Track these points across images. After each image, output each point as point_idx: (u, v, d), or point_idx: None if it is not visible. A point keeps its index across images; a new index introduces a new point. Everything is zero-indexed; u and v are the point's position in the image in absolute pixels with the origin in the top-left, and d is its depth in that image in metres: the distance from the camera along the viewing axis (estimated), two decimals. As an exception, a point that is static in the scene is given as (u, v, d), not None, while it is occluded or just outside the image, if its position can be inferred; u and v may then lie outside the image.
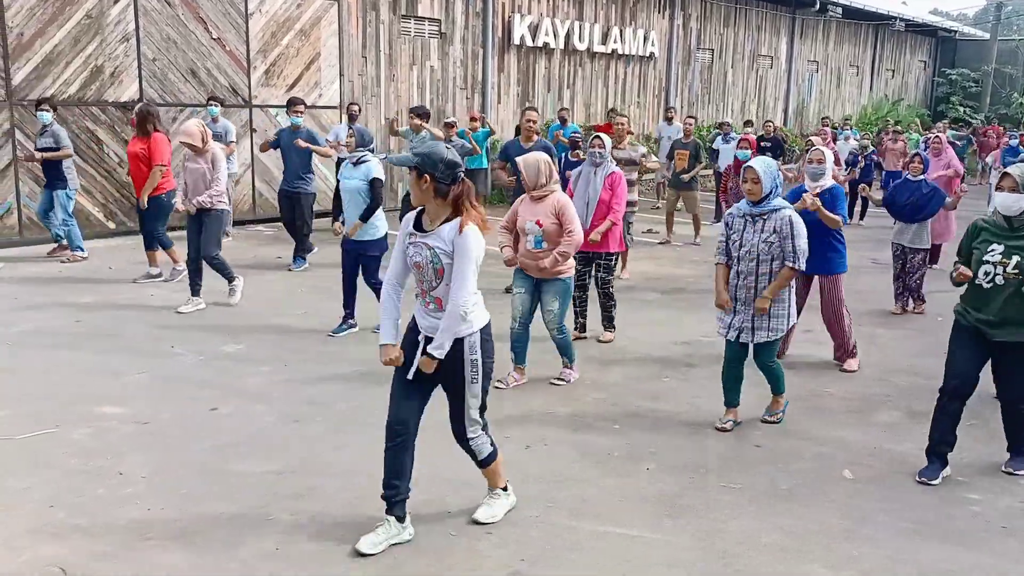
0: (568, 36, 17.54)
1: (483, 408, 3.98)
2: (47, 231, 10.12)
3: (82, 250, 9.82)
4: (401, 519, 3.90)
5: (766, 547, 3.97)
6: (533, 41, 16.83)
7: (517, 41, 16.53)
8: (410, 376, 3.83)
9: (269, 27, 12.49)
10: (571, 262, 5.99)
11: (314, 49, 13.10)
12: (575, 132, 11.35)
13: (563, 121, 14.14)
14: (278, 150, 9.77)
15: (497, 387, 5.78)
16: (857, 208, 14.66)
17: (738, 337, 5.26)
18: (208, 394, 5.69)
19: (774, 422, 5.47)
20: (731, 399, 5.44)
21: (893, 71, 29.33)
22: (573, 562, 3.80)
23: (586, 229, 6.77)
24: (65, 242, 9.86)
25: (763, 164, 5.14)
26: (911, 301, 8.47)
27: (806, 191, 6.37)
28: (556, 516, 4.18)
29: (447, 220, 3.71)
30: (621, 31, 18.71)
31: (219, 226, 7.86)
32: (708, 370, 6.50)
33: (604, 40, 18.39)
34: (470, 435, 3.99)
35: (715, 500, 4.40)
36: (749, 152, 8.98)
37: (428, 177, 3.65)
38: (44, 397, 5.54)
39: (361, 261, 7.11)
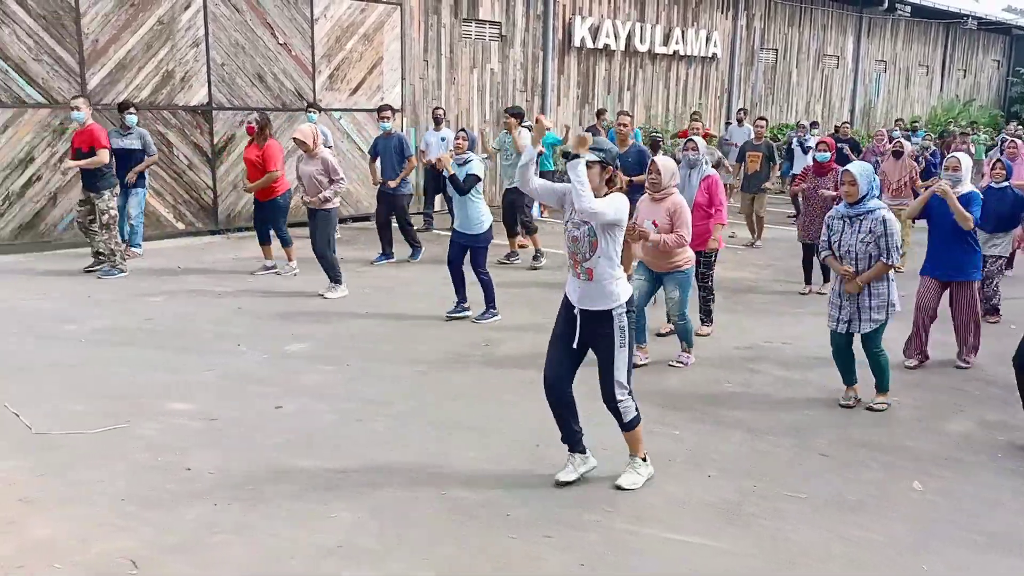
0: (629, 37, 17.44)
1: (630, 372, 4.38)
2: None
3: (140, 248, 10.24)
4: (583, 452, 4.56)
5: (832, 558, 3.88)
6: (594, 43, 16.77)
7: (577, 43, 16.49)
8: (574, 346, 4.38)
9: (334, 32, 12.68)
10: (690, 254, 6.48)
11: (377, 53, 13.26)
12: (655, 133, 11.34)
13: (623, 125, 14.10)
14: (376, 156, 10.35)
15: (675, 365, 6.54)
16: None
17: (847, 328, 5.64)
18: (272, 392, 5.79)
19: (880, 409, 5.70)
20: (848, 379, 5.83)
21: (964, 71, 28.52)
22: (634, 568, 3.77)
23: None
24: (140, 250, 10.26)
25: (860, 167, 5.55)
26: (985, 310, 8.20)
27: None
28: (616, 521, 4.15)
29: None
30: (683, 32, 18.54)
31: (328, 226, 8.46)
32: (770, 376, 6.41)
33: (666, 41, 18.25)
34: (619, 396, 4.36)
35: (779, 509, 4.32)
36: (828, 155, 8.74)
37: (611, 168, 4.28)
38: (116, 393, 5.70)
39: (470, 252, 7.66)
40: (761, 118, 12.59)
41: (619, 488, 4.43)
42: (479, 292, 7.74)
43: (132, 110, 9.92)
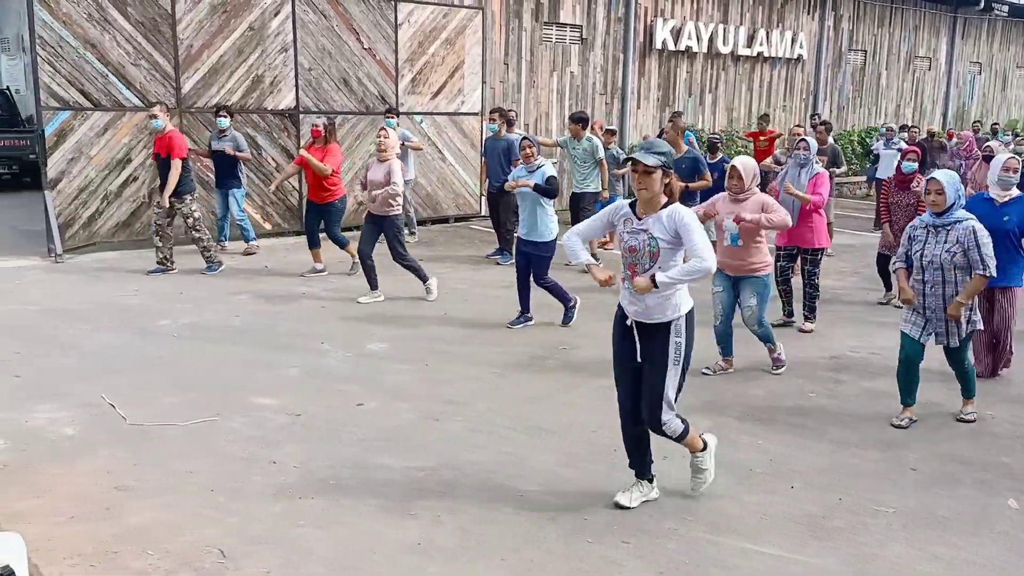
0: (712, 39, 17.20)
1: (678, 392, 4.18)
2: (215, 230, 10.92)
3: (255, 241, 10.83)
4: (650, 481, 4.37)
5: (921, 576, 3.76)
6: (675, 45, 16.60)
7: (659, 45, 16.35)
8: (639, 359, 4.18)
9: (417, 36, 12.86)
10: (769, 260, 6.35)
11: (458, 57, 13.38)
12: (713, 136, 11.15)
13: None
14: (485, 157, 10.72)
15: (704, 373, 6.34)
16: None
17: (930, 339, 5.44)
18: (354, 390, 5.91)
19: (969, 420, 5.54)
20: (908, 398, 5.57)
21: (1067, 72, 27.24)
22: (713, 578, 3.72)
23: (793, 228, 7.26)
24: (224, 242, 10.77)
25: (946, 176, 5.33)
26: None
27: (988, 198, 6.22)
28: (695, 530, 4.10)
29: (663, 207, 4.07)
30: (767, 33, 18.19)
31: (399, 231, 8.48)
32: (856, 387, 6.24)
33: (749, 43, 17.93)
34: (664, 418, 4.15)
35: (865, 523, 4.20)
36: (915, 164, 8.35)
37: (670, 173, 4.10)
38: (205, 387, 5.89)
39: (532, 262, 7.57)
40: (824, 122, 12.21)
41: (696, 491, 4.41)
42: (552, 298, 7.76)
43: (223, 113, 10.31)
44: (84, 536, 3.89)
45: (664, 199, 4.10)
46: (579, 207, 10.30)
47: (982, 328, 5.55)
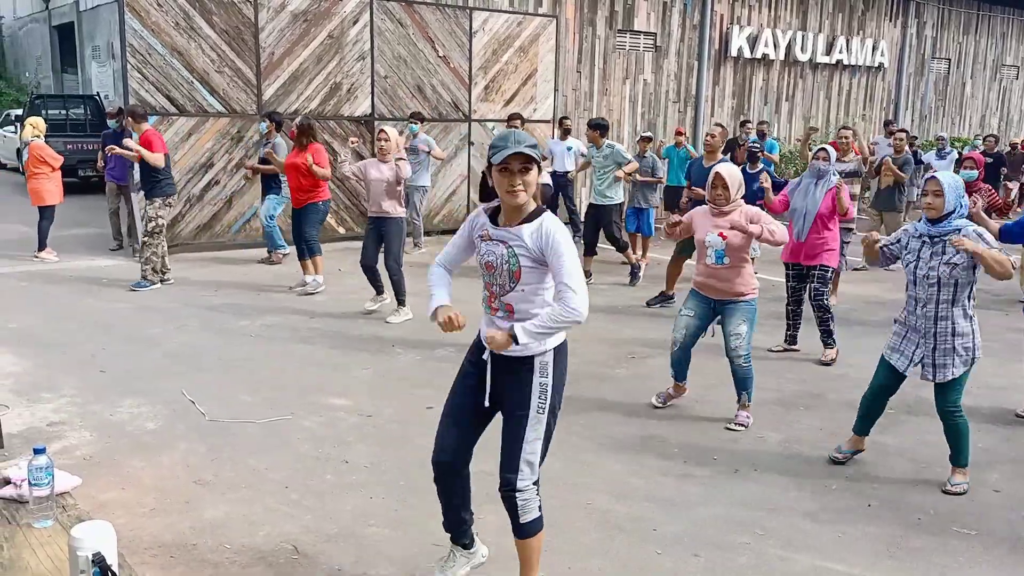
0: (789, 47, 16.93)
1: (543, 455, 3.32)
2: (289, 235, 11.11)
3: (284, 247, 10.45)
4: (468, 547, 3.64)
5: (1005, 602, 3.62)
6: (751, 52, 16.39)
7: (734, 53, 16.17)
8: (487, 403, 3.35)
9: (491, 45, 12.96)
10: (755, 283, 5.51)
11: (531, 65, 13.44)
12: (753, 143, 10.88)
13: (762, 136, 13.68)
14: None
15: (655, 406, 5.76)
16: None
17: (909, 370, 4.69)
18: (424, 392, 5.96)
19: (957, 493, 4.62)
20: (862, 427, 4.96)
21: None
22: (785, 594, 3.64)
23: (800, 242, 6.83)
24: (284, 250, 10.50)
25: (948, 178, 4.52)
26: None
27: None
28: (768, 546, 4.03)
29: (529, 218, 3.16)
30: (847, 41, 17.83)
31: (400, 238, 7.99)
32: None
33: (828, 50, 17.61)
34: (519, 484, 3.26)
35: (945, 545, 4.07)
36: (976, 173, 7.97)
37: (538, 168, 3.15)
38: (281, 386, 6.03)
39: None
40: (902, 130, 11.79)
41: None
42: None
43: (265, 119, 10.11)
44: (164, 528, 4.02)
45: (532, 205, 3.17)
46: (599, 223, 9.83)
47: (979, 356, 4.62)
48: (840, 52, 17.71)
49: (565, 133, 12.02)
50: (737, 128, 15.69)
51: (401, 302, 7.95)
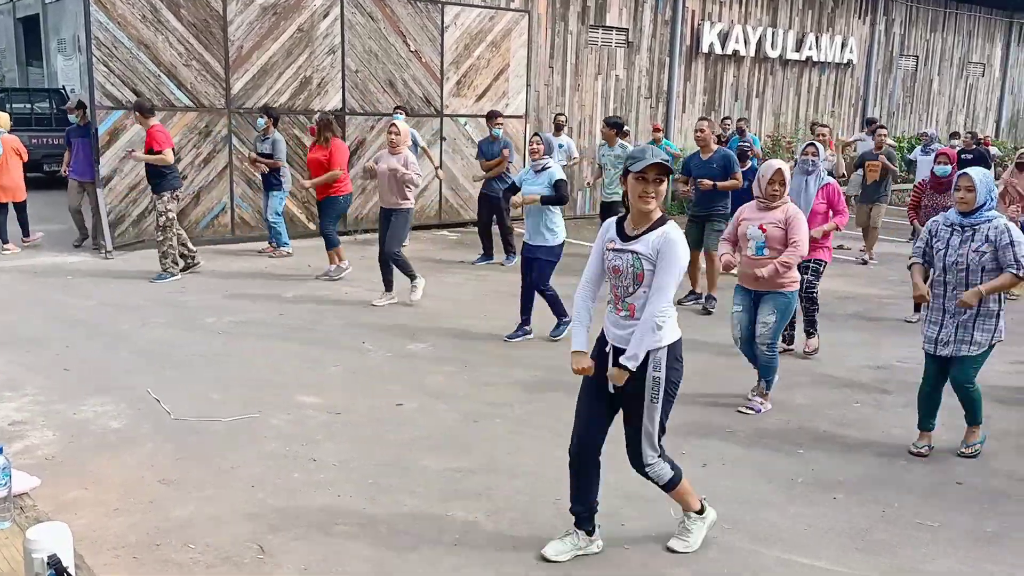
0: (760, 43, 17.03)
1: (662, 432, 3.77)
2: (259, 230, 11.22)
3: (288, 246, 10.67)
4: (590, 533, 3.89)
5: (968, 593, 3.67)
6: (722, 49, 16.47)
7: (705, 49, 16.23)
8: (612, 390, 3.72)
9: (463, 39, 12.91)
10: (796, 275, 5.70)
11: (503, 60, 13.41)
12: (743, 142, 11.01)
13: (741, 132, 13.78)
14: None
15: (743, 412, 5.70)
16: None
17: (946, 352, 4.97)
18: (395, 389, 5.94)
19: (971, 455, 5.05)
20: (926, 423, 5.19)
21: None
22: (753, 588, 3.66)
23: None
24: (289, 249, 10.72)
25: (980, 173, 4.87)
26: None
27: None
28: (736, 539, 4.05)
29: (653, 227, 3.60)
30: (817, 37, 17.96)
31: (405, 226, 8.31)
32: (904, 397, 6.10)
33: (798, 47, 17.73)
34: (647, 461, 3.77)
35: (910, 537, 4.12)
36: (949, 168, 8.17)
37: (667, 180, 3.59)
38: (249, 383, 5.97)
39: (535, 266, 7.12)
40: (881, 126, 12.01)
41: (671, 551, 3.89)
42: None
43: (263, 115, 10.27)
44: (128, 528, 3.96)
45: (659, 214, 3.62)
46: (608, 217, 10.03)
47: (1003, 338, 4.97)
48: (810, 49, 17.84)
49: (558, 129, 12.05)
50: (717, 125, 15.79)
51: (412, 276, 8.28)
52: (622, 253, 3.64)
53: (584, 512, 3.87)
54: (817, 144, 7.17)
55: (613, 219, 3.79)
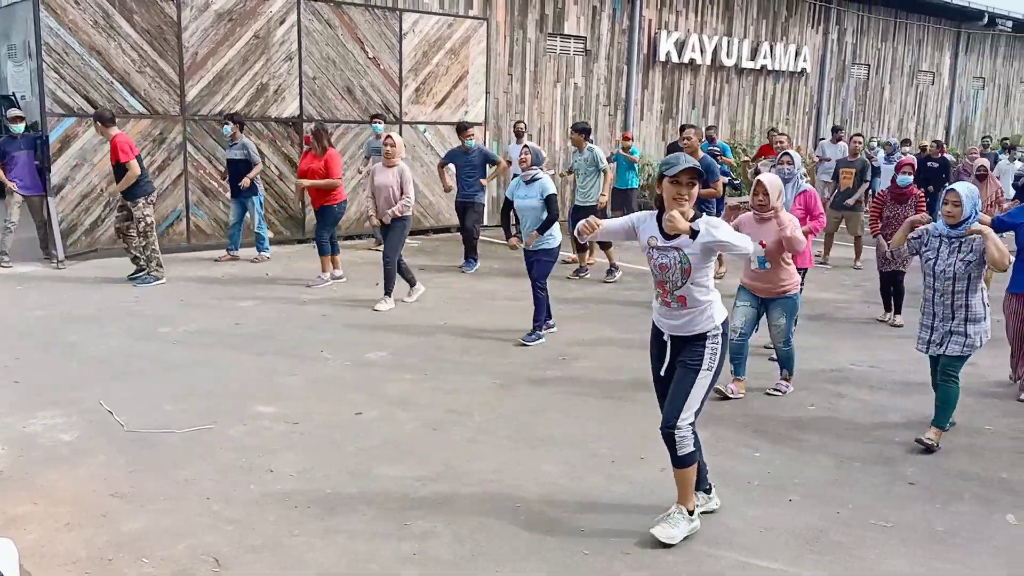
0: (715, 52, 17.26)
1: (702, 404, 4.06)
2: (216, 238, 11.17)
3: (268, 251, 10.75)
4: (708, 491, 4.32)
5: (920, 591, 3.74)
6: (679, 57, 16.65)
7: (662, 58, 16.41)
8: (662, 373, 4.17)
9: (421, 47, 12.89)
10: (798, 277, 6.21)
11: (462, 67, 13.42)
12: (713, 149, 11.20)
13: (711, 140, 13.95)
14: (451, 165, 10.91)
15: (772, 394, 6.22)
16: None
17: (931, 351, 5.42)
18: (354, 398, 5.90)
19: (929, 444, 5.27)
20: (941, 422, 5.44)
21: (1071, 87, 27.27)
22: (710, 591, 3.69)
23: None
24: (235, 251, 10.69)
25: (965, 188, 5.29)
26: None
27: None
28: (693, 543, 4.08)
29: (691, 221, 3.93)
30: (771, 47, 18.25)
31: (404, 234, 8.52)
32: (856, 400, 6.22)
33: (753, 56, 18.00)
34: (680, 422, 3.98)
35: (864, 538, 4.18)
36: (910, 179, 8.29)
37: (701, 184, 3.96)
38: (204, 394, 5.89)
39: (534, 265, 7.44)
40: (858, 134, 12.27)
41: (654, 539, 3.99)
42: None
43: (228, 122, 10.27)
44: (79, 543, 3.88)
45: (692, 213, 3.96)
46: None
47: (988, 338, 5.37)
48: (764, 57, 18.12)
49: (519, 136, 12.23)
50: (671, 132, 15.96)
51: (388, 292, 8.46)
52: (667, 251, 4.00)
53: (697, 475, 4.19)
54: (792, 153, 7.48)
55: (652, 213, 4.12)
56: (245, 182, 10.26)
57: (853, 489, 4.73)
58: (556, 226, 7.45)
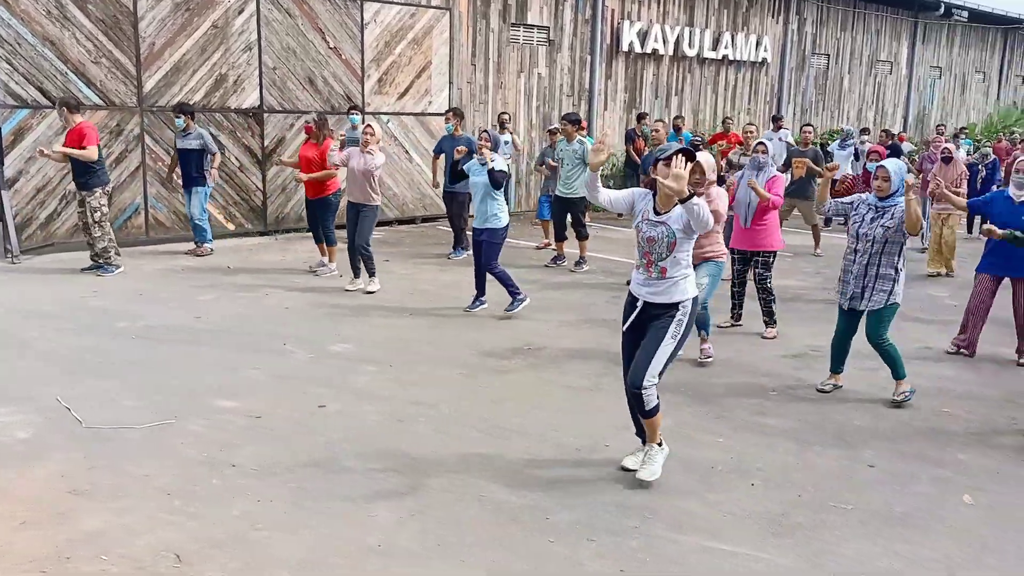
0: (678, 42, 17.33)
1: (664, 367, 4.45)
2: (176, 230, 11.02)
3: (210, 243, 10.53)
4: (660, 444, 4.62)
5: (879, 572, 3.80)
6: (642, 47, 16.70)
7: (625, 48, 16.44)
8: (631, 321, 4.57)
9: (383, 36, 12.80)
10: (723, 248, 6.60)
11: (425, 58, 13.34)
12: (696, 138, 11.34)
13: (677, 129, 14.07)
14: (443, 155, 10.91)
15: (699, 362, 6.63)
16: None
17: (850, 304, 5.90)
18: (317, 391, 5.85)
19: (901, 402, 5.83)
20: (835, 367, 6.18)
21: (1023, 77, 27.81)
22: (674, 576, 3.73)
23: (746, 229, 7.51)
24: (211, 245, 10.54)
25: (895, 165, 5.88)
26: None
27: (1007, 196, 6.88)
28: (657, 528, 4.11)
29: (681, 202, 4.30)
30: (732, 36, 18.36)
31: (374, 220, 8.78)
32: (816, 386, 6.30)
33: (715, 46, 18.10)
34: (645, 384, 4.38)
35: (824, 520, 4.25)
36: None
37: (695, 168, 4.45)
38: (165, 389, 5.81)
39: (483, 247, 7.81)
40: (808, 124, 12.43)
41: (640, 481, 4.47)
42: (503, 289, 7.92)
43: (179, 115, 10.07)
44: (36, 541, 3.81)
45: (685, 193, 4.27)
46: (566, 212, 10.31)
47: (896, 303, 5.85)
48: (726, 47, 18.23)
49: (502, 127, 12.33)
50: (633, 121, 16.01)
51: (371, 272, 8.77)
52: (656, 225, 4.43)
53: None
54: (766, 142, 7.91)
55: (649, 191, 4.56)
56: (214, 174, 10.19)
57: (813, 473, 4.79)
58: (504, 210, 7.82)
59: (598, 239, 12.48)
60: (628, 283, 9.38)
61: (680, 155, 4.26)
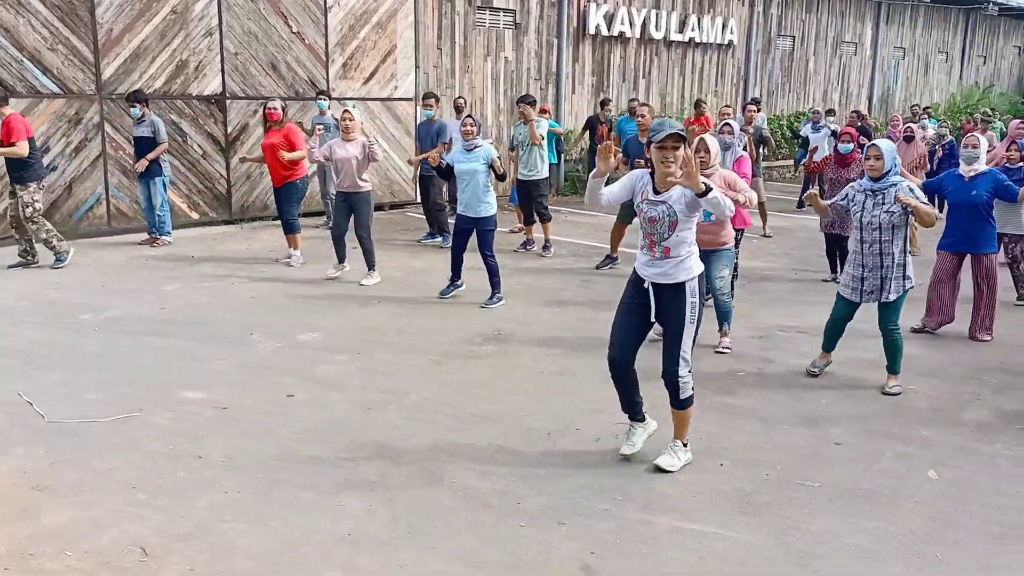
0: (644, 25, 17.30)
1: (691, 350, 4.46)
2: (139, 220, 10.80)
3: (169, 235, 10.31)
4: (643, 420, 4.71)
5: (846, 548, 3.84)
6: (608, 30, 16.66)
7: (592, 31, 16.38)
8: (653, 319, 4.50)
9: (347, 20, 12.64)
10: (732, 231, 6.59)
11: (390, 42, 13.21)
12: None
13: (632, 112, 14.01)
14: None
15: (721, 352, 6.58)
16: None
17: (864, 299, 5.83)
18: (285, 381, 5.80)
19: (893, 393, 5.74)
20: (829, 345, 6.11)
21: (985, 57, 28.12)
22: (645, 557, 3.74)
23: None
24: (156, 234, 10.32)
25: (886, 144, 5.76)
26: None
27: (959, 174, 7.00)
28: (627, 510, 4.13)
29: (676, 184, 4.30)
30: (699, 19, 18.37)
31: (370, 209, 8.63)
32: (784, 365, 6.35)
33: (681, 28, 18.09)
34: (681, 372, 4.42)
35: (792, 498, 4.28)
36: (851, 146, 8.61)
37: (683, 146, 4.27)
38: (129, 381, 5.72)
39: (478, 236, 7.80)
40: (754, 100, 12.46)
41: (658, 468, 4.48)
42: (483, 279, 7.81)
43: (134, 104, 9.86)
44: (-2, 539, 3.74)
45: (679, 172, 4.27)
46: (530, 194, 10.19)
47: (912, 287, 5.82)
48: (692, 30, 18.23)
49: (458, 112, 12.08)
50: (597, 107, 15.97)
51: (371, 266, 8.62)
52: (657, 205, 4.40)
53: (634, 407, 4.66)
54: (732, 123, 8.17)
55: (646, 171, 4.51)
56: (141, 164, 9.90)
57: (781, 451, 4.83)
58: (493, 196, 7.84)
59: (566, 223, 12.48)
60: (597, 267, 9.52)
61: (671, 139, 4.23)
